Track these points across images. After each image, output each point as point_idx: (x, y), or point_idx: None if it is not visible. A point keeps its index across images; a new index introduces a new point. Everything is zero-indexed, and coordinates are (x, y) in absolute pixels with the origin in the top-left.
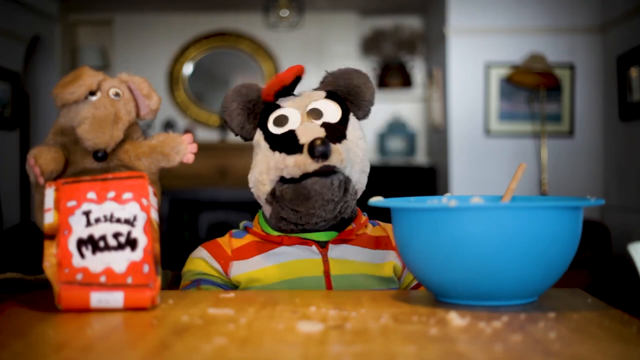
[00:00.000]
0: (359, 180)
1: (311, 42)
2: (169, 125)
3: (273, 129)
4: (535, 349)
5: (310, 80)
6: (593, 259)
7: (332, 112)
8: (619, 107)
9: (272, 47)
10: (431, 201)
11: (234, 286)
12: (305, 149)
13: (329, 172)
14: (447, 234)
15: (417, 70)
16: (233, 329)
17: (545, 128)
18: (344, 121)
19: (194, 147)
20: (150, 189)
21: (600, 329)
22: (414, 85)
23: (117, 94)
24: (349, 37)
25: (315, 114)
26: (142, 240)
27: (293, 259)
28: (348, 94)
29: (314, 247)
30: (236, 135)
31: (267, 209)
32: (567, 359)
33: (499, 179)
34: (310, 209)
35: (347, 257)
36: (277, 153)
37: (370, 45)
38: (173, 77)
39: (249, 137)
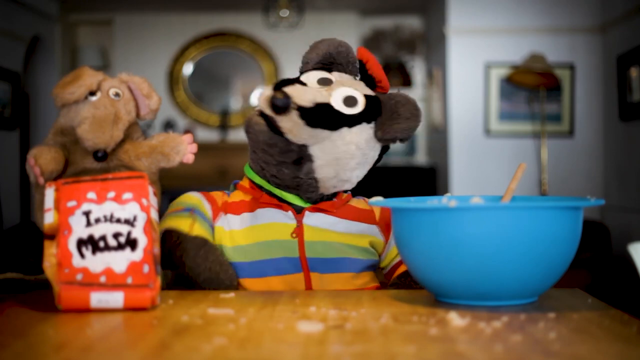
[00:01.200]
0: (326, 175)
1: (311, 42)
2: (169, 125)
3: (303, 77)
4: (535, 349)
5: None
6: (593, 259)
7: (358, 106)
8: (619, 107)
9: (272, 47)
10: (431, 201)
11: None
12: (267, 96)
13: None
14: (447, 234)
15: (417, 70)
16: (233, 329)
17: (545, 128)
18: (355, 120)
19: (194, 147)
20: (150, 189)
21: (600, 329)
22: (414, 85)
23: (117, 94)
24: (349, 37)
25: (349, 101)
26: (142, 241)
27: (267, 222)
28: (387, 111)
29: (289, 213)
30: (300, 65)
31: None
32: (567, 359)
33: (499, 179)
34: (250, 142)
35: (322, 225)
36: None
37: (370, 45)
38: (173, 77)
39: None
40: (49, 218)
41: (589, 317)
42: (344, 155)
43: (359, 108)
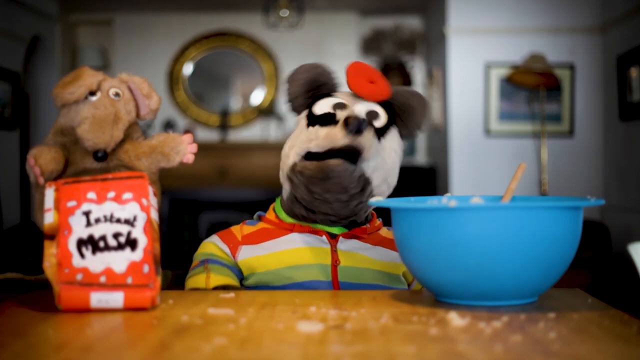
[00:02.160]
0: (379, 187)
1: (311, 42)
2: (169, 125)
3: (319, 109)
4: (535, 349)
5: None
6: (593, 259)
7: (380, 118)
8: (619, 107)
9: (272, 47)
10: (431, 201)
11: (240, 270)
12: (340, 123)
13: (353, 157)
14: (447, 234)
15: (417, 70)
16: (233, 329)
17: (545, 128)
18: (384, 129)
19: (194, 147)
20: (150, 189)
21: (600, 329)
22: (414, 85)
23: (117, 94)
24: (349, 37)
25: (370, 115)
26: (142, 241)
27: (302, 246)
28: (401, 110)
29: (324, 237)
30: (288, 102)
31: (285, 188)
32: (567, 359)
33: (499, 179)
34: (326, 192)
35: (356, 250)
36: (311, 128)
37: (370, 45)
38: (173, 77)
39: (295, 110)
40: (49, 218)
41: (589, 317)
42: (392, 166)
43: (382, 118)
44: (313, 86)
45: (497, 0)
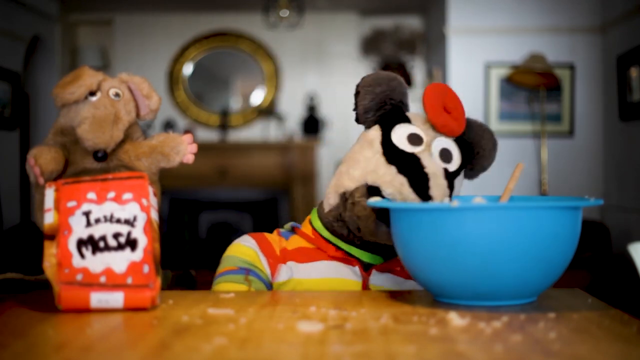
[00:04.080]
0: None
1: (311, 42)
2: (169, 125)
3: (397, 139)
4: (535, 349)
5: (310, 80)
6: (593, 259)
7: (454, 160)
8: (619, 107)
9: (272, 47)
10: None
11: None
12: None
13: None
14: (447, 234)
15: (417, 70)
16: (233, 329)
17: (545, 128)
18: (456, 174)
19: (194, 147)
20: (150, 189)
21: (600, 329)
22: (414, 85)
23: (117, 94)
24: (349, 37)
25: (444, 156)
26: (142, 241)
27: (334, 277)
28: (471, 148)
29: (357, 269)
30: (354, 110)
31: (332, 202)
32: (567, 359)
33: (499, 179)
34: (370, 239)
35: (388, 286)
36: (392, 167)
37: (370, 45)
38: (173, 77)
39: (363, 123)
40: (49, 218)
41: (589, 317)
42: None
43: (455, 162)
44: (386, 101)
45: (497, 0)
